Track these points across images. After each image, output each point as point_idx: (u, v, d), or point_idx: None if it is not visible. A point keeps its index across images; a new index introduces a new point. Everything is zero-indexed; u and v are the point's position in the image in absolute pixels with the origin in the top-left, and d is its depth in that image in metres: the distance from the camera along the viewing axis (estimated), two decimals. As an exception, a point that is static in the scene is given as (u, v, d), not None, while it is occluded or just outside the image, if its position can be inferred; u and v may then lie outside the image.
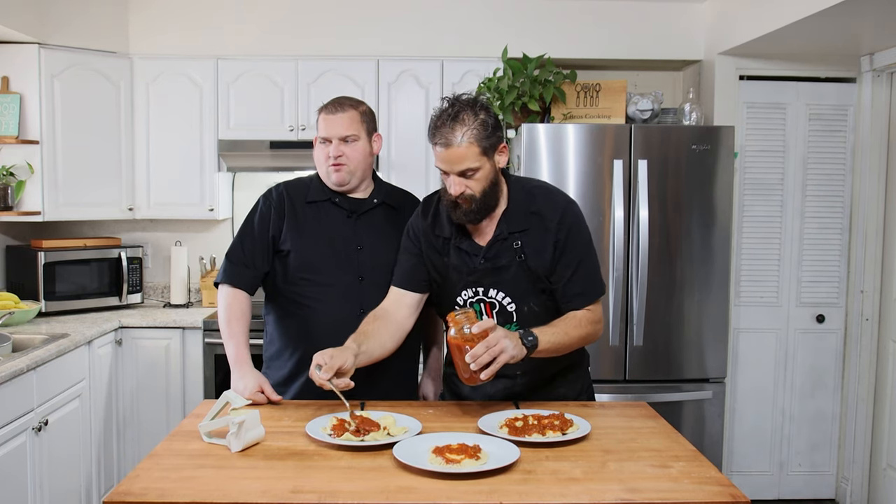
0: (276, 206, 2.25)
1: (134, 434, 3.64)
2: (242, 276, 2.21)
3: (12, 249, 3.83)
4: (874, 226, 3.75)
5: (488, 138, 1.92)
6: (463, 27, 3.93)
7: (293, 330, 2.25)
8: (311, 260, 2.22)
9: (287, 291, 2.24)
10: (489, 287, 2.03)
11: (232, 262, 2.23)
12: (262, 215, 2.26)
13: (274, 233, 2.23)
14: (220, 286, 2.23)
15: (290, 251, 2.22)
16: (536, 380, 2.12)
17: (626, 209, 3.41)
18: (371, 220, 2.28)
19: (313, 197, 2.27)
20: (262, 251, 2.23)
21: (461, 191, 1.93)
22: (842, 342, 3.92)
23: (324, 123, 2.23)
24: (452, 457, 1.60)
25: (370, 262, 2.23)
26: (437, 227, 2.08)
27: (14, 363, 2.65)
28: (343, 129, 2.20)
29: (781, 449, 3.94)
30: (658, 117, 3.72)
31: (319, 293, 2.21)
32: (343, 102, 2.25)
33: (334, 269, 2.22)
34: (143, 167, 3.92)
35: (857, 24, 3.15)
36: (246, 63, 3.89)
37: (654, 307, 3.44)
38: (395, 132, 3.91)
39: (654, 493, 1.51)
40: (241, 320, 2.18)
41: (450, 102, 1.94)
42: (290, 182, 2.33)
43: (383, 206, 2.31)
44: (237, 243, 2.25)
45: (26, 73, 3.59)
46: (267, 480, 1.56)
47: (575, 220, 2.04)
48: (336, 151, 2.20)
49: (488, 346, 1.79)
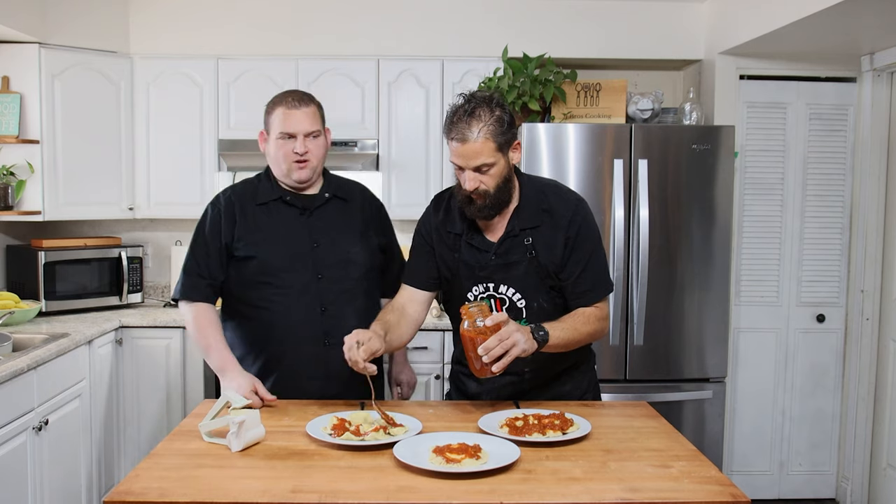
0: (226, 212, 2.20)
1: (134, 434, 3.64)
2: (200, 289, 2.17)
3: (12, 249, 3.83)
4: (874, 225, 3.75)
5: (503, 134, 1.94)
6: (463, 27, 3.93)
7: (254, 334, 2.21)
8: (268, 262, 2.18)
9: (245, 296, 2.20)
10: (500, 283, 2.06)
11: (188, 275, 2.19)
12: (212, 223, 2.21)
13: (226, 239, 2.18)
14: (181, 303, 2.20)
15: (247, 256, 2.18)
16: (543, 377, 2.13)
17: (626, 209, 3.41)
18: (324, 216, 2.24)
19: (263, 198, 2.22)
20: (216, 260, 2.18)
21: (475, 186, 1.95)
22: (842, 342, 3.92)
23: (285, 118, 2.15)
24: (453, 456, 1.60)
25: (327, 259, 2.20)
26: (449, 224, 2.11)
27: (14, 363, 2.65)
28: (309, 124, 2.15)
29: (782, 448, 3.94)
30: (658, 117, 3.72)
31: (278, 295, 2.17)
32: (303, 96, 2.19)
33: (292, 269, 2.18)
34: (144, 167, 3.92)
35: (857, 24, 3.15)
36: (246, 63, 3.89)
37: (654, 307, 3.44)
38: (395, 132, 3.91)
39: (655, 493, 1.51)
40: (214, 327, 2.15)
41: (466, 98, 1.96)
42: (236, 185, 2.29)
43: (335, 200, 2.27)
44: (190, 255, 2.20)
45: (27, 73, 3.59)
46: (267, 480, 1.56)
47: (585, 218, 2.07)
48: (303, 147, 2.14)
49: (501, 339, 1.81)
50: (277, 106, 2.17)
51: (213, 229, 2.20)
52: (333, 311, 2.19)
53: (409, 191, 3.88)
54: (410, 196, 3.86)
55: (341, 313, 2.20)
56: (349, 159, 3.85)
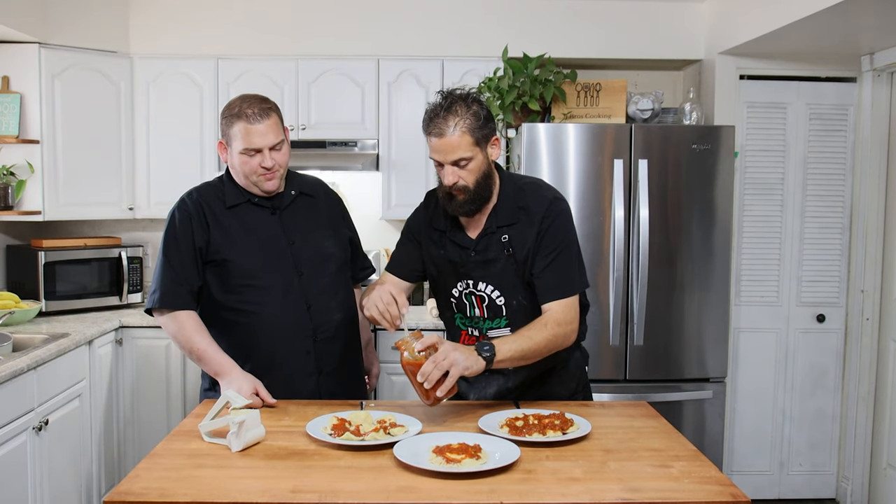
0: (196, 216, 2.14)
1: (134, 434, 3.64)
2: (181, 296, 2.11)
3: (12, 249, 3.83)
4: (874, 225, 3.75)
5: (481, 129, 1.97)
6: (463, 27, 3.93)
7: (239, 339, 2.16)
8: (248, 265, 2.14)
9: (227, 301, 2.16)
10: (478, 280, 2.07)
11: (165, 283, 2.10)
12: (182, 227, 2.14)
13: (200, 243, 2.13)
14: (159, 314, 2.13)
15: (225, 260, 2.14)
16: (528, 376, 2.13)
17: (626, 209, 3.41)
18: (293, 213, 2.23)
19: (232, 201, 2.18)
20: (191, 264, 2.13)
21: (455, 181, 1.98)
22: (842, 342, 3.92)
23: (247, 134, 2.07)
24: (453, 456, 1.60)
25: (305, 256, 2.19)
26: (435, 220, 2.14)
27: (14, 363, 2.65)
28: (273, 137, 2.10)
29: (782, 448, 3.94)
30: (658, 117, 3.72)
31: (261, 296, 2.14)
32: (264, 108, 2.11)
33: (272, 269, 2.16)
34: (144, 167, 3.92)
35: (857, 24, 3.15)
36: (246, 63, 3.89)
37: (654, 307, 3.44)
38: (395, 132, 3.91)
39: (655, 493, 1.51)
40: (202, 332, 2.10)
41: (444, 96, 2.00)
42: (199, 189, 2.23)
43: (301, 197, 2.26)
44: (164, 262, 2.12)
45: (27, 73, 3.59)
46: (267, 480, 1.56)
47: (559, 215, 2.05)
48: (270, 161, 2.10)
49: (435, 361, 1.79)
50: (237, 120, 2.08)
51: (185, 233, 2.13)
52: (318, 306, 2.19)
53: (409, 191, 3.88)
54: (410, 196, 3.85)
55: (326, 308, 2.20)
56: (349, 159, 3.85)
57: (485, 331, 2.10)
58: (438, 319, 3.63)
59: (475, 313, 2.10)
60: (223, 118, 2.12)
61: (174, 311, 2.10)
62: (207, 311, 2.19)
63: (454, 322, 2.16)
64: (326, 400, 2.14)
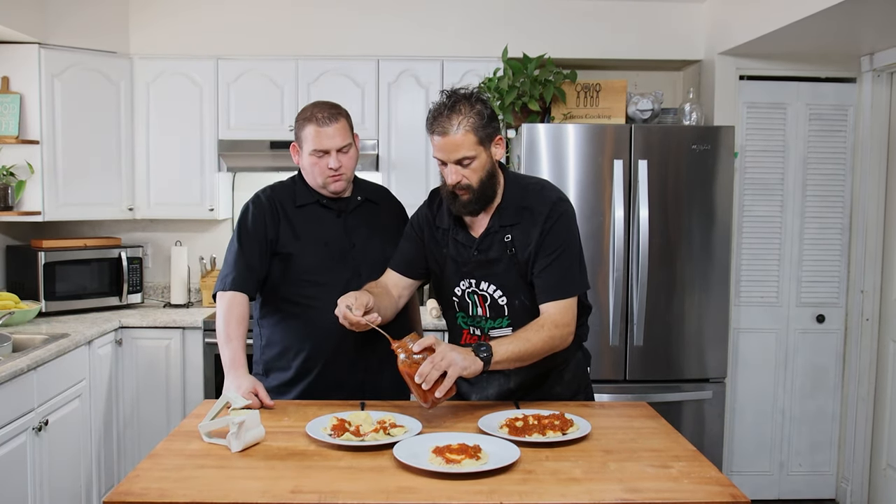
0: (269, 210, 2.26)
1: (134, 434, 3.64)
2: (249, 280, 2.20)
3: (12, 249, 3.83)
4: (874, 226, 3.75)
5: (484, 128, 1.98)
6: (463, 27, 3.93)
7: (295, 331, 2.26)
8: (311, 261, 2.24)
9: (288, 294, 2.25)
10: (480, 279, 2.07)
11: (238, 268, 2.21)
12: (255, 219, 2.26)
13: (271, 236, 2.24)
14: (221, 293, 2.21)
15: (291, 254, 2.24)
16: (529, 376, 2.13)
17: (626, 209, 3.41)
18: (358, 218, 2.32)
19: (302, 200, 2.29)
20: (261, 253, 2.23)
21: (458, 180, 1.98)
22: (842, 342, 3.92)
23: (317, 136, 2.19)
24: (452, 457, 1.60)
25: (365, 258, 2.27)
26: (439, 219, 2.14)
27: (14, 363, 2.65)
28: (340, 140, 2.20)
29: (781, 449, 3.94)
30: (658, 117, 3.72)
31: (321, 293, 2.21)
32: (334, 112, 2.22)
33: (333, 268, 2.25)
34: (143, 167, 3.92)
35: (857, 24, 3.15)
36: (246, 63, 3.89)
37: (654, 307, 3.44)
38: (395, 132, 3.91)
39: (655, 493, 1.51)
40: (242, 324, 2.17)
41: (447, 95, 2.00)
42: (274, 187, 2.34)
43: (366, 203, 2.35)
44: (237, 249, 2.24)
45: (26, 73, 3.59)
46: (267, 480, 1.56)
47: (562, 216, 2.05)
48: (337, 163, 2.20)
49: (433, 362, 1.80)
50: (308, 123, 2.20)
51: (258, 225, 2.25)
52: None
53: (409, 191, 3.86)
54: (410, 196, 3.78)
55: None
56: (349, 159, 3.85)
57: (487, 330, 2.10)
58: (438, 320, 3.63)
59: (477, 312, 2.10)
60: (296, 122, 2.25)
61: (234, 293, 2.18)
62: (269, 299, 2.29)
63: (456, 321, 2.16)
64: (327, 400, 2.15)
